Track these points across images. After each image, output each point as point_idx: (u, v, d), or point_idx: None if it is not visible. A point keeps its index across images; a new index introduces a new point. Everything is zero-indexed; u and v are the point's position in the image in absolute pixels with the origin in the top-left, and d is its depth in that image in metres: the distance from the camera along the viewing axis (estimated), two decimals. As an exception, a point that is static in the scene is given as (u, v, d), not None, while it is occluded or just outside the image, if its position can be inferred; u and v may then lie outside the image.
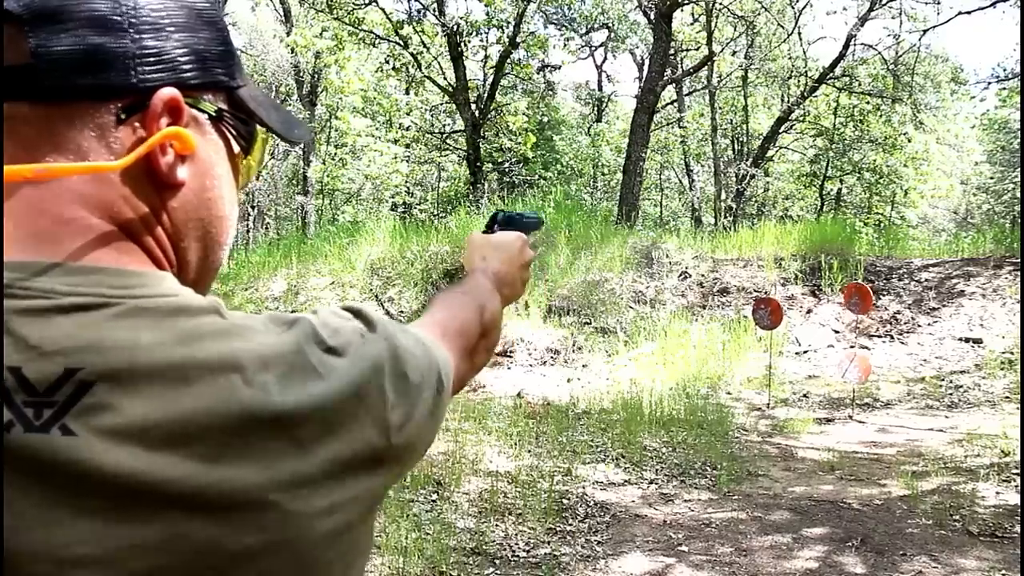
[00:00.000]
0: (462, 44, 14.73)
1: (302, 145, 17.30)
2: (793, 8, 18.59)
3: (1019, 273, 8.95)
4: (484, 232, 1.05)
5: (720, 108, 21.24)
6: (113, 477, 0.46)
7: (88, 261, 0.51)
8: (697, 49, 18.46)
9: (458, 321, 0.80)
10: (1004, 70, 18.05)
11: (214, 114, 0.58)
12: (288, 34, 16.87)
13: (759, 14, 18.80)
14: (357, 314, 0.60)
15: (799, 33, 18.44)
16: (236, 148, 0.62)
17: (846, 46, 16.94)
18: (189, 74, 0.55)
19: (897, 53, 17.79)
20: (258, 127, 0.64)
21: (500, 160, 17.83)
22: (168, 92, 0.53)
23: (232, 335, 0.51)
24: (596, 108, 26.90)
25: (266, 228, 22.53)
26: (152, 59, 0.53)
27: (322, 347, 0.54)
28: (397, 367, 0.58)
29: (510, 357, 8.74)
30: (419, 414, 0.59)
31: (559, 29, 20.63)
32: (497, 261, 0.97)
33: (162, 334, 0.49)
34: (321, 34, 15.15)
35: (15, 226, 0.50)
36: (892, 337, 8.87)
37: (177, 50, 0.55)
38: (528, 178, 20.02)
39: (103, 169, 0.52)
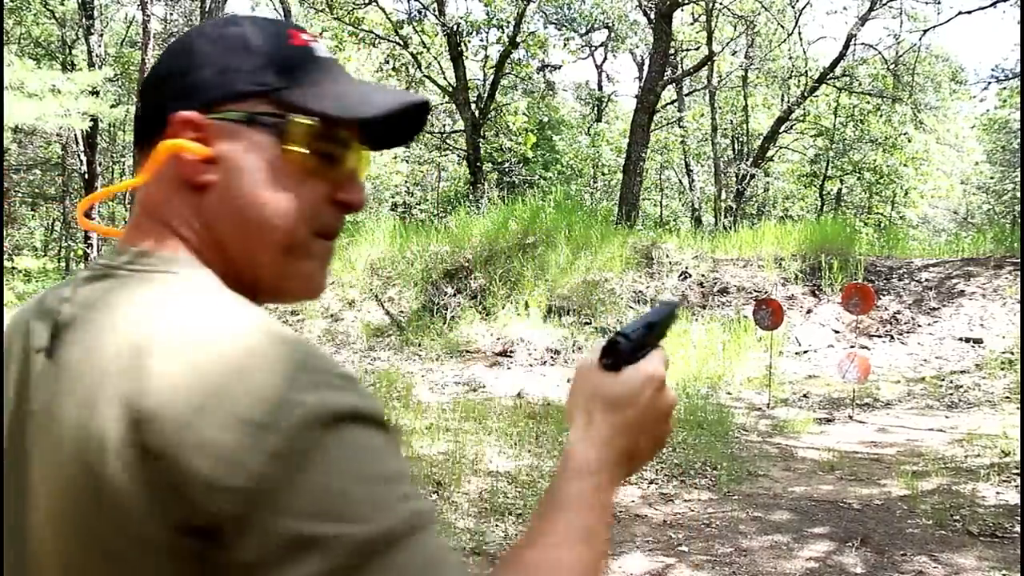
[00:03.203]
0: (462, 44, 14.74)
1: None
2: (793, 8, 18.61)
3: (1019, 273, 8.95)
4: (603, 366, 0.69)
5: (720, 108, 21.25)
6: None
7: (128, 245, 0.65)
8: (697, 49, 18.47)
9: None
10: (1004, 70, 18.05)
11: (244, 119, 0.64)
12: (288, 34, 16.83)
13: (759, 14, 18.80)
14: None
15: (799, 33, 18.47)
16: (290, 144, 0.64)
17: (846, 46, 16.96)
18: (213, 93, 0.65)
19: (897, 53, 17.81)
20: (303, 119, 0.64)
21: (500, 160, 17.82)
22: (182, 115, 0.64)
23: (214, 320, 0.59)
24: (596, 108, 26.88)
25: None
26: (179, 93, 0.65)
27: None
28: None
29: (510, 357, 8.74)
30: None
31: (559, 29, 20.59)
32: (610, 427, 0.66)
33: (130, 298, 0.59)
34: (321, 34, 15.13)
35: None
36: (892, 337, 8.87)
37: (202, 79, 0.65)
38: (528, 178, 20.02)
39: (131, 185, 0.67)
